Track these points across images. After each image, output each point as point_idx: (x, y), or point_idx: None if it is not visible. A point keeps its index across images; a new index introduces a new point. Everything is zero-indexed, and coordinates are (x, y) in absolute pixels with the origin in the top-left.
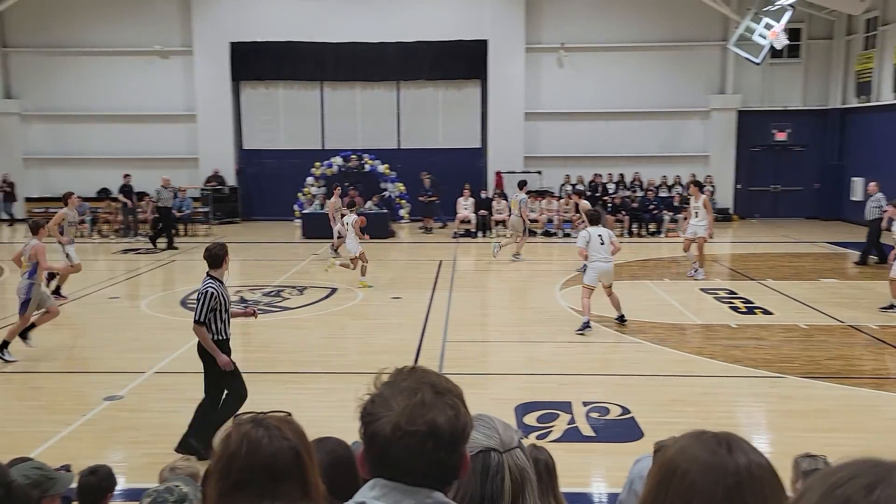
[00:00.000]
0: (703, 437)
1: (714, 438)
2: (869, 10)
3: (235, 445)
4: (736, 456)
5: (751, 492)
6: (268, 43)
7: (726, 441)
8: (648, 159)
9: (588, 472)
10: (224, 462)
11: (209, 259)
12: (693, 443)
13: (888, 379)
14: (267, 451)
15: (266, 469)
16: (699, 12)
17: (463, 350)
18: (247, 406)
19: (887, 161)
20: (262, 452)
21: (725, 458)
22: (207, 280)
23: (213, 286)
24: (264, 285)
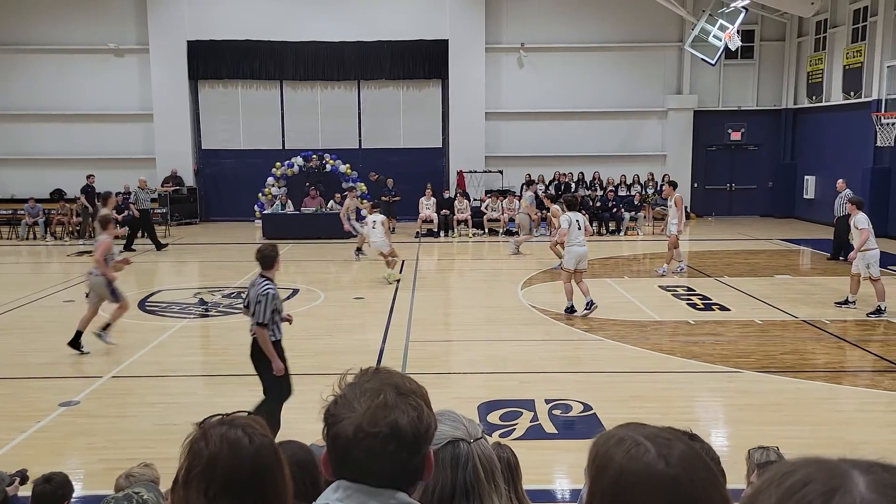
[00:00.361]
0: (631, 450)
1: (639, 447)
2: (819, 12)
3: (216, 447)
4: (671, 461)
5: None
6: (226, 42)
7: (652, 443)
8: (607, 158)
9: (551, 469)
10: (204, 466)
11: (262, 260)
12: (628, 458)
13: (840, 372)
14: (250, 450)
15: (252, 467)
16: (656, 14)
17: (426, 350)
18: (207, 409)
19: (837, 160)
20: (244, 452)
21: (651, 464)
22: (263, 281)
23: (273, 287)
24: (224, 287)
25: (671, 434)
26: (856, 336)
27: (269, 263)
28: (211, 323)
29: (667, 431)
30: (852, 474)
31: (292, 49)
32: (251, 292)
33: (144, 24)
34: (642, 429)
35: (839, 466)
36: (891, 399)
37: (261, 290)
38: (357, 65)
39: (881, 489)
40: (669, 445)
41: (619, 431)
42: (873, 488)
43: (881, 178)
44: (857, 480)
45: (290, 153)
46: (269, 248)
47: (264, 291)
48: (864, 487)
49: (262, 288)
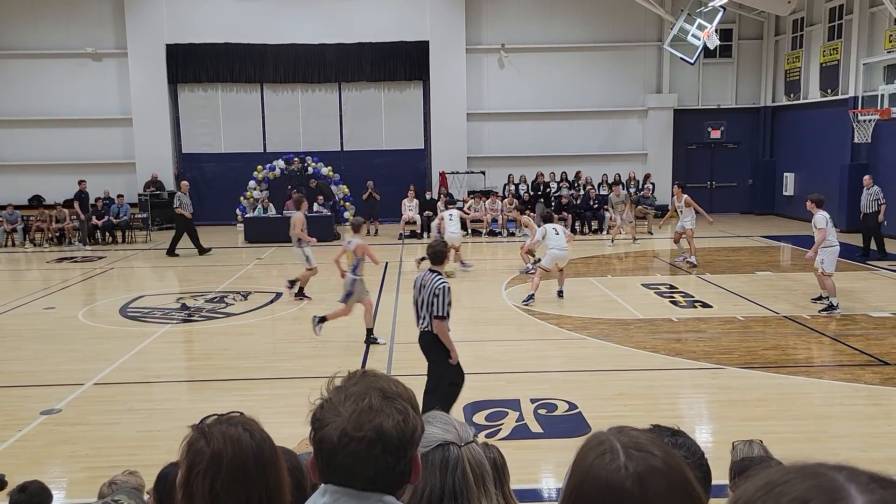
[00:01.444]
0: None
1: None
2: (795, 11)
3: (219, 444)
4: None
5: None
6: (205, 45)
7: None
8: (589, 158)
9: (537, 468)
10: (209, 462)
11: (433, 256)
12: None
13: (821, 367)
14: (252, 446)
15: (256, 461)
16: (635, 14)
17: (411, 351)
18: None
19: (815, 157)
20: (247, 447)
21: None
22: (436, 276)
23: (446, 281)
24: (207, 291)
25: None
26: (836, 331)
27: (440, 259)
28: (194, 328)
29: (653, 444)
30: (850, 493)
31: (272, 51)
32: (423, 288)
33: (122, 27)
34: (630, 436)
35: (835, 481)
36: (871, 392)
37: (437, 284)
38: (338, 67)
39: None
40: (641, 458)
41: (606, 435)
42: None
43: (859, 175)
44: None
45: (272, 156)
46: (440, 244)
47: (440, 285)
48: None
49: (437, 282)
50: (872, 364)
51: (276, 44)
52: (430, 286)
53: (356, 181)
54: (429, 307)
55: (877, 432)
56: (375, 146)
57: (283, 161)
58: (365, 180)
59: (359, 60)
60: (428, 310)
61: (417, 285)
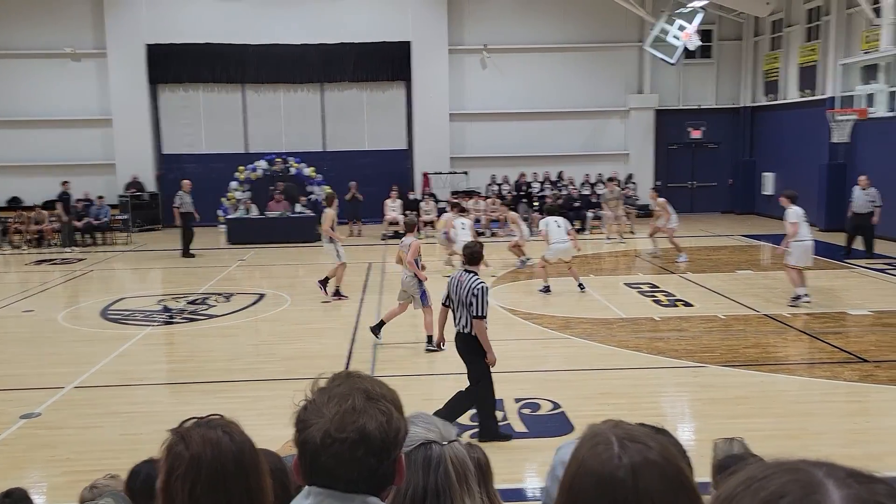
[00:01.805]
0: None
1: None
2: (774, 12)
3: (198, 447)
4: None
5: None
6: (186, 45)
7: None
8: (571, 158)
9: (521, 467)
10: (188, 466)
11: (471, 256)
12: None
13: (800, 364)
14: (232, 449)
15: (236, 465)
16: (616, 14)
17: (395, 352)
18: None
19: (793, 156)
20: (227, 450)
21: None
22: (472, 276)
23: (484, 281)
24: (189, 293)
25: (651, 440)
26: (816, 329)
27: (476, 259)
28: (175, 330)
29: (648, 437)
30: (827, 488)
31: (254, 52)
32: (459, 289)
33: (102, 27)
34: (625, 428)
35: (814, 477)
36: (850, 389)
37: (475, 285)
38: (320, 67)
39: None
40: (636, 450)
41: (601, 427)
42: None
43: (836, 174)
44: (833, 496)
45: (254, 157)
46: (476, 245)
47: (479, 286)
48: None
49: (475, 283)
50: (851, 361)
51: (257, 44)
52: (467, 286)
53: (339, 182)
54: (467, 307)
55: (856, 429)
56: (358, 147)
57: (266, 161)
58: (347, 181)
59: (341, 61)
60: (467, 310)
61: (453, 286)
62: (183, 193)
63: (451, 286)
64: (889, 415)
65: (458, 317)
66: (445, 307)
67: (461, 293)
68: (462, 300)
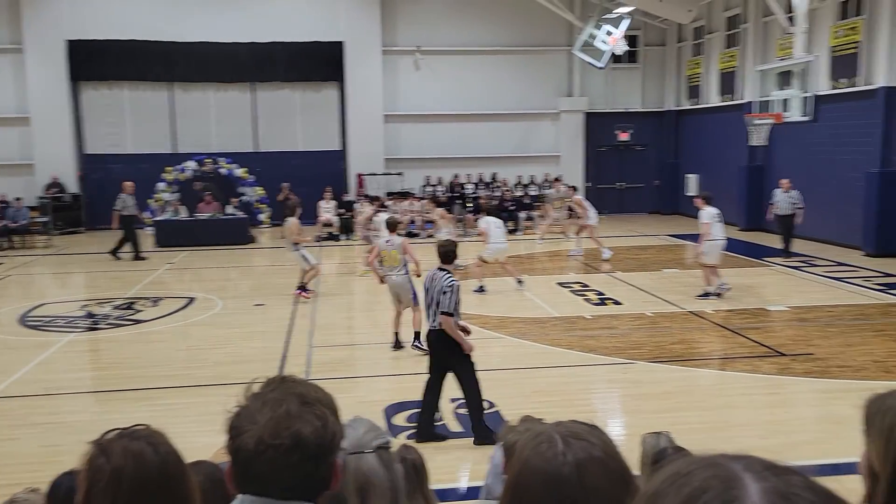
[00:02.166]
0: (540, 443)
1: (548, 442)
2: (696, 19)
3: (120, 461)
4: (568, 459)
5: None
6: (110, 41)
7: (561, 440)
8: (504, 160)
9: (458, 467)
10: (108, 481)
11: (445, 255)
12: (532, 454)
13: (724, 359)
14: (156, 461)
15: (159, 478)
16: (547, 18)
17: (330, 354)
18: (99, 427)
19: (715, 158)
20: (150, 462)
21: (549, 461)
22: (446, 274)
23: (456, 279)
24: (114, 298)
25: (593, 436)
26: (737, 325)
27: (450, 258)
28: (101, 336)
29: (591, 433)
30: (745, 481)
31: (182, 50)
32: (432, 286)
33: (18, 22)
34: (567, 426)
35: (732, 471)
36: (770, 382)
37: (446, 282)
38: (251, 66)
39: (771, 499)
40: (580, 447)
41: (545, 427)
42: (764, 497)
43: (755, 176)
44: (750, 488)
45: (182, 157)
46: (450, 243)
47: (450, 283)
48: (756, 496)
49: (447, 280)
50: (770, 355)
51: (185, 41)
52: (439, 283)
53: (271, 183)
54: (437, 304)
55: (775, 420)
56: (291, 147)
57: (195, 162)
58: (280, 182)
59: (273, 61)
60: (437, 307)
61: (427, 284)
62: (125, 196)
63: (425, 284)
64: (805, 406)
65: (430, 314)
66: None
67: (433, 291)
68: (434, 297)
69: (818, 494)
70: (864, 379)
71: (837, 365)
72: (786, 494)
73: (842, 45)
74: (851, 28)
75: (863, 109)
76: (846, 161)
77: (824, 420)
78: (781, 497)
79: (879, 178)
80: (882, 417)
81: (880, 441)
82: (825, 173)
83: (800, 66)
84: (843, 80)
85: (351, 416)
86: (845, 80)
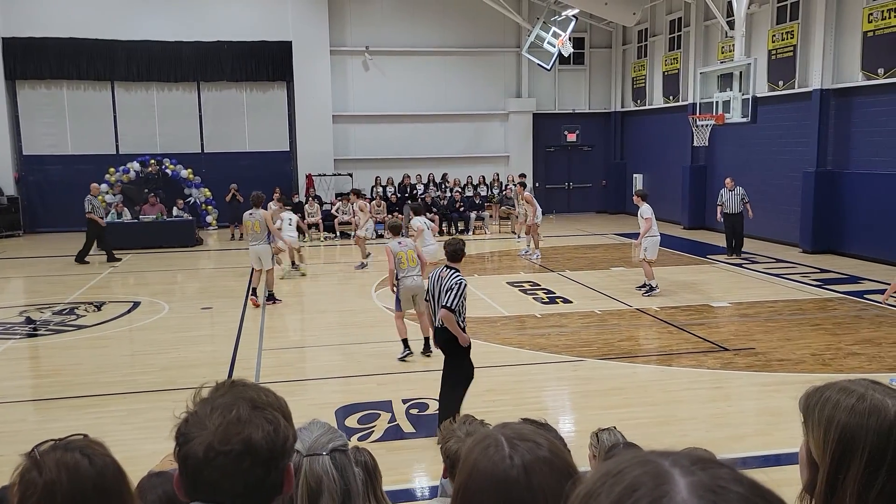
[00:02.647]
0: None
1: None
2: (640, 22)
3: (53, 474)
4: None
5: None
6: (48, 39)
7: (507, 443)
8: (454, 160)
9: (411, 467)
10: (41, 496)
11: (452, 253)
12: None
13: (670, 355)
14: (91, 473)
15: (95, 491)
16: (495, 20)
17: (280, 357)
18: (39, 436)
19: (660, 159)
20: (85, 475)
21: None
22: (454, 272)
23: (463, 278)
24: (55, 303)
25: (539, 437)
26: (682, 321)
27: (458, 256)
28: (41, 343)
29: (536, 434)
30: (674, 477)
31: (123, 48)
32: (439, 284)
33: None
34: (513, 428)
35: (661, 467)
36: (713, 376)
37: (454, 279)
38: (196, 66)
39: (700, 493)
40: (527, 448)
41: (492, 430)
42: (693, 492)
43: (698, 175)
44: (679, 484)
45: (125, 158)
46: (458, 242)
47: (458, 280)
48: (684, 491)
49: (455, 277)
50: (714, 350)
51: (127, 40)
52: (446, 281)
53: (218, 184)
54: (442, 301)
55: (719, 413)
56: (238, 148)
57: (138, 163)
58: (228, 183)
59: (218, 59)
60: (440, 303)
61: (433, 282)
62: (92, 197)
63: (430, 283)
64: (747, 399)
65: (436, 312)
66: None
67: (439, 288)
68: (440, 294)
69: (745, 486)
70: (803, 372)
71: (778, 359)
72: (713, 487)
73: (779, 49)
74: (788, 32)
75: (799, 111)
76: (784, 161)
77: (766, 412)
78: (709, 490)
79: (815, 177)
80: (821, 409)
81: (819, 431)
82: (765, 173)
83: (739, 69)
84: (780, 82)
85: (303, 419)
86: (782, 83)
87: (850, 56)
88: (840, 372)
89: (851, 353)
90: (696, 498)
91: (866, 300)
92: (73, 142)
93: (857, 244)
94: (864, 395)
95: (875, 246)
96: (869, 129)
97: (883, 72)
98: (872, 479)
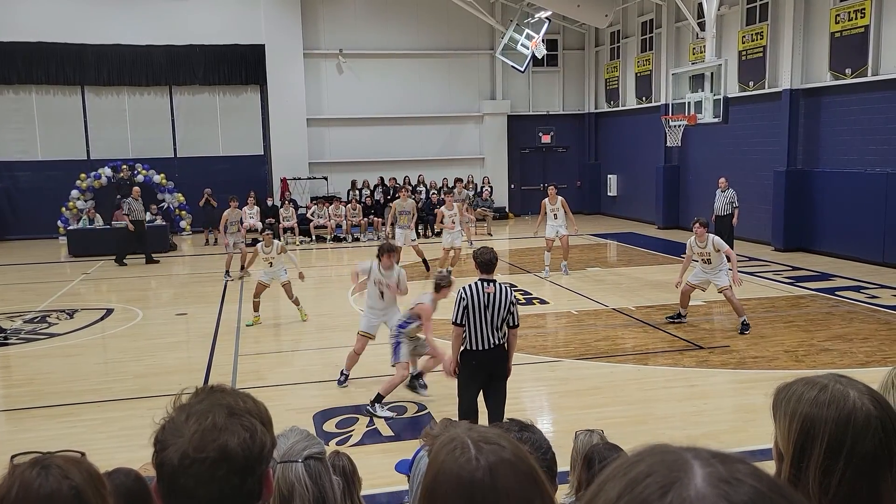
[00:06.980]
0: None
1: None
2: (613, 24)
3: (5, 489)
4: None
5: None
6: (15, 43)
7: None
8: (430, 162)
9: (390, 471)
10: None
11: (487, 263)
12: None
13: (646, 354)
14: (39, 493)
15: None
16: (469, 23)
17: (257, 362)
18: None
19: (634, 159)
20: (33, 494)
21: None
22: (502, 286)
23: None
24: (26, 311)
25: (503, 440)
26: (658, 320)
27: (492, 266)
28: (11, 352)
29: (501, 437)
30: (693, 466)
31: (93, 52)
32: (494, 300)
33: None
34: (479, 431)
35: (682, 457)
36: (689, 375)
37: (512, 295)
38: (168, 69)
39: (715, 483)
40: (491, 451)
41: (459, 433)
42: (708, 482)
43: (672, 175)
44: (696, 473)
45: (97, 164)
46: (490, 250)
47: (512, 295)
48: (700, 481)
49: (510, 292)
50: (690, 349)
51: (97, 44)
52: (507, 295)
53: (192, 189)
54: (506, 319)
55: (694, 411)
56: (212, 152)
57: (110, 168)
58: (201, 188)
59: (190, 63)
60: (505, 321)
61: (477, 298)
62: (132, 200)
63: (474, 300)
64: (722, 396)
65: (488, 331)
66: (460, 326)
67: (499, 305)
68: (501, 312)
69: (762, 481)
70: (777, 368)
71: (752, 356)
72: (728, 479)
73: (749, 50)
74: (758, 33)
75: (769, 111)
76: (755, 161)
77: (740, 409)
78: (723, 481)
79: (786, 176)
80: (786, 402)
81: (784, 423)
82: (737, 173)
83: (711, 70)
84: (751, 82)
85: (280, 424)
86: (753, 83)
87: (818, 56)
88: (813, 368)
89: (824, 349)
90: (710, 487)
91: (837, 297)
92: (43, 148)
93: (827, 242)
94: (827, 387)
95: (845, 243)
96: (838, 127)
97: (850, 71)
98: (832, 466)
